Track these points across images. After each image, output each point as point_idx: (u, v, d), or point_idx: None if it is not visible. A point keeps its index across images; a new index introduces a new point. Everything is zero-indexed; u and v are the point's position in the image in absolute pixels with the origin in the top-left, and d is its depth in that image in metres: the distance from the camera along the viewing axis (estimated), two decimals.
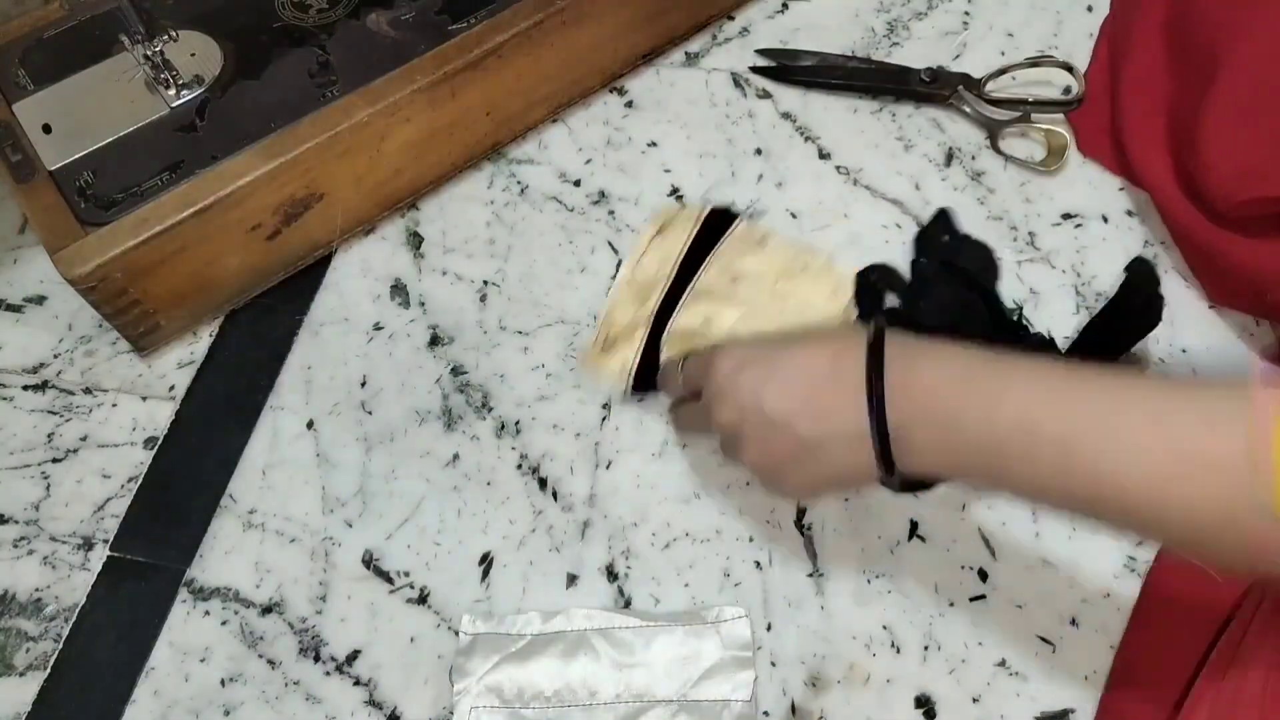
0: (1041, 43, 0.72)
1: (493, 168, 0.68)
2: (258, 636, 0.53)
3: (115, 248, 0.53)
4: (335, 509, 0.56)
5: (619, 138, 0.69)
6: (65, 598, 0.54)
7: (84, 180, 0.56)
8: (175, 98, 0.58)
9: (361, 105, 0.58)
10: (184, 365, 0.61)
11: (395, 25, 0.62)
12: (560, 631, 0.51)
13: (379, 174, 0.62)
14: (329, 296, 0.63)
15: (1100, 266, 0.62)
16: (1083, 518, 0.40)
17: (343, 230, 0.63)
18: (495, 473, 0.57)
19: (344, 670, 0.52)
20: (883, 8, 0.74)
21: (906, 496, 0.55)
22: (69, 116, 0.58)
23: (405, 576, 0.54)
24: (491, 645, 0.51)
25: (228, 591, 0.54)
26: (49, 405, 0.59)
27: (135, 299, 0.56)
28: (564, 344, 0.61)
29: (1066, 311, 0.61)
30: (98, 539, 0.55)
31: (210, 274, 0.59)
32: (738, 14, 0.74)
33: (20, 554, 0.55)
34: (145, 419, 0.59)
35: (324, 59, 0.60)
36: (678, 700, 0.50)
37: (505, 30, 0.61)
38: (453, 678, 0.51)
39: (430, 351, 0.61)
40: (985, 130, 0.68)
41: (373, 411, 0.59)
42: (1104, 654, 0.51)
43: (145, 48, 0.58)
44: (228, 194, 0.55)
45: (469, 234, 0.65)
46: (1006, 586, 0.53)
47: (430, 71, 0.59)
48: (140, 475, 0.57)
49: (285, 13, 0.62)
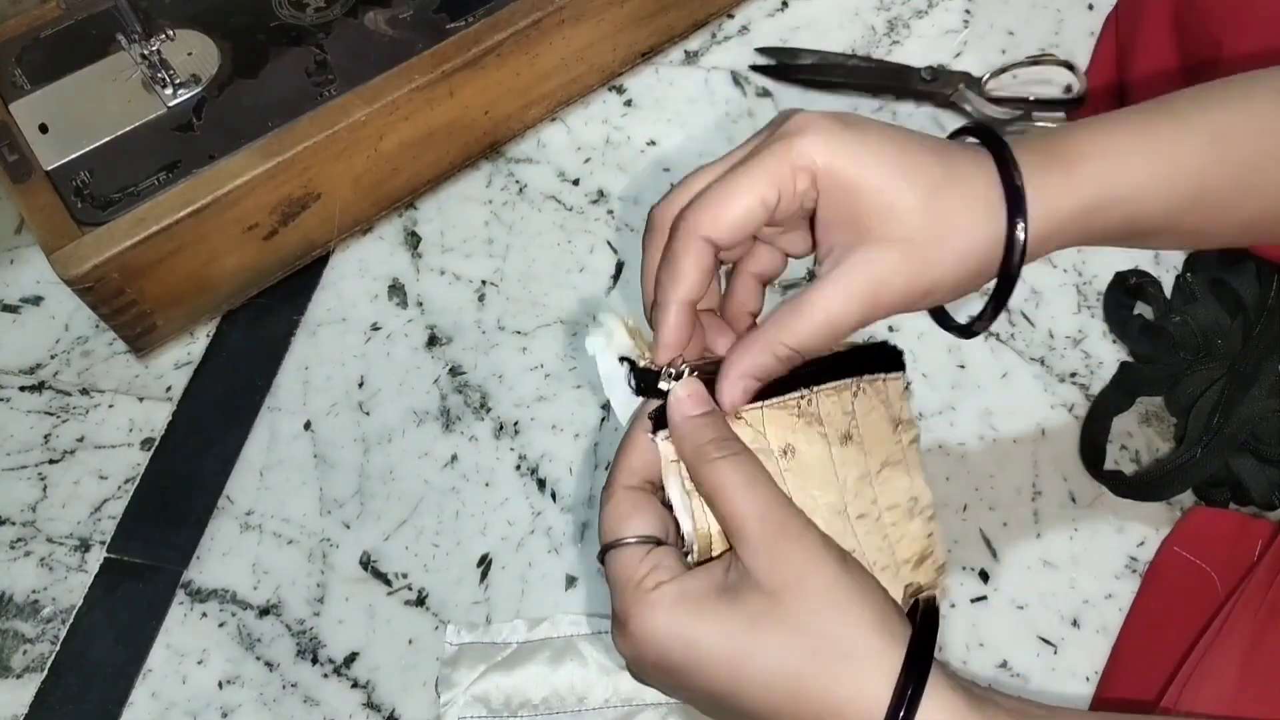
0: (1042, 41, 0.71)
1: (491, 167, 0.67)
2: (255, 638, 0.53)
3: (112, 248, 0.53)
4: (333, 510, 0.56)
5: (618, 137, 0.68)
6: (62, 599, 0.54)
7: (81, 180, 0.55)
8: (172, 97, 0.58)
9: (359, 104, 0.58)
10: (181, 366, 0.60)
11: (393, 24, 0.62)
12: (546, 638, 0.51)
13: (377, 173, 0.62)
14: (326, 296, 0.63)
15: (1101, 266, 0.62)
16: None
17: (340, 230, 0.63)
18: (494, 473, 0.57)
19: (342, 672, 0.52)
20: (883, 6, 0.74)
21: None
22: (66, 116, 0.58)
23: (403, 578, 0.54)
24: (477, 655, 0.51)
25: (225, 593, 0.54)
26: (46, 406, 0.59)
27: (132, 299, 0.56)
28: (563, 344, 0.61)
29: (1067, 311, 0.61)
30: (95, 540, 0.55)
31: (207, 274, 0.59)
32: (737, 12, 0.73)
33: (17, 555, 0.55)
34: (142, 420, 0.59)
35: (321, 58, 0.60)
36: (667, 703, 0.49)
37: (503, 29, 0.61)
38: (439, 689, 0.50)
39: (428, 352, 0.61)
40: None
41: (370, 412, 0.59)
42: (1105, 655, 0.51)
43: (142, 47, 0.58)
44: (225, 193, 0.55)
45: (467, 233, 0.65)
46: (1007, 588, 0.53)
47: (428, 70, 0.59)
48: (137, 476, 0.57)
49: (283, 11, 0.62)
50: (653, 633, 0.33)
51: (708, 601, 0.33)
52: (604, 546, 0.36)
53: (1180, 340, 0.56)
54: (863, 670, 0.32)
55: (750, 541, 0.33)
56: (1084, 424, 0.56)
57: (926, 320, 0.60)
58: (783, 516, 0.34)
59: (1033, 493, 0.55)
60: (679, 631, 0.33)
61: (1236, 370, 0.53)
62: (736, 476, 0.34)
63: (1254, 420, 0.51)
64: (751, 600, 0.33)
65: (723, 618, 0.33)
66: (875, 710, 0.31)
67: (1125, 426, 0.57)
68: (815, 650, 0.32)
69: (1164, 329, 0.57)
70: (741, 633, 0.33)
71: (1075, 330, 0.60)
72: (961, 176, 0.35)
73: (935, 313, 0.41)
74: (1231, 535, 0.51)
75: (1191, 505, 0.54)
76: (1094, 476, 0.54)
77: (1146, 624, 0.51)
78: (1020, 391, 0.58)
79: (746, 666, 0.32)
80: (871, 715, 0.31)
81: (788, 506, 0.34)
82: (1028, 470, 0.56)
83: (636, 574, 0.34)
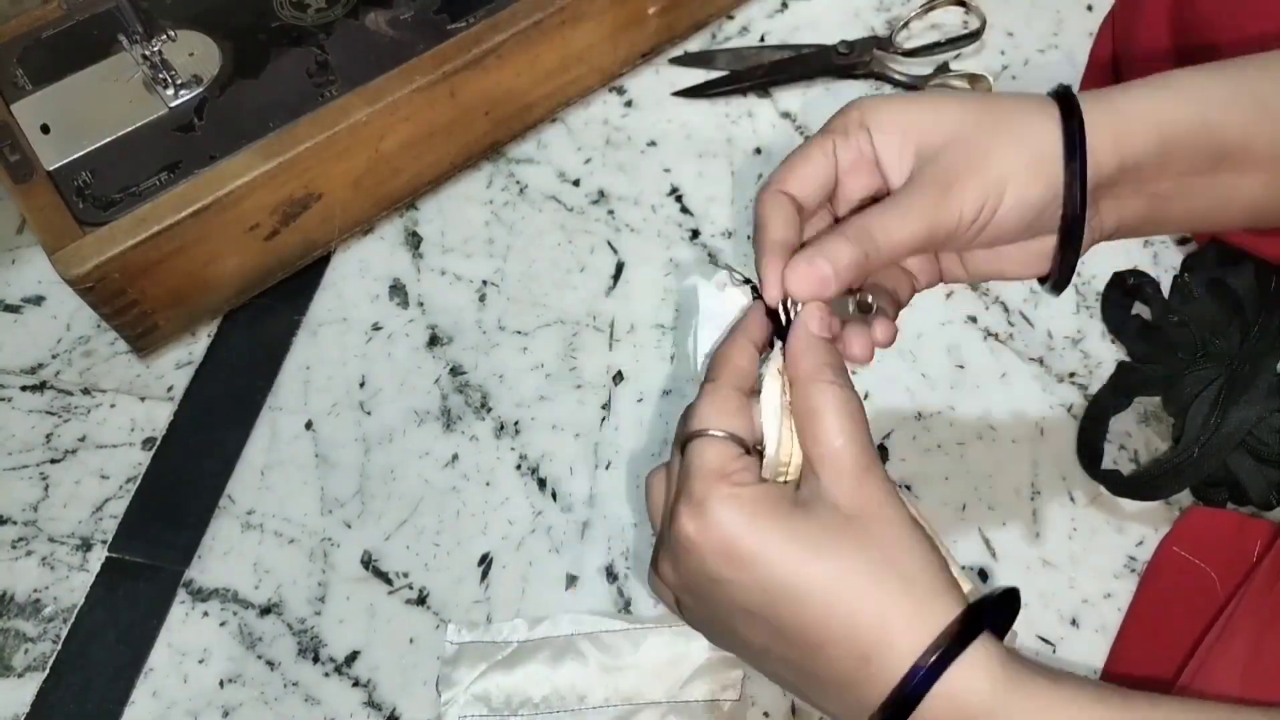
0: (1042, 41, 0.71)
1: (492, 167, 0.67)
2: (256, 637, 0.53)
3: (113, 248, 0.53)
4: (334, 509, 0.56)
5: (618, 137, 0.68)
6: (64, 599, 0.54)
7: (82, 180, 0.55)
8: (173, 97, 0.58)
9: (360, 105, 0.58)
10: (182, 366, 0.61)
11: (394, 24, 0.62)
12: (547, 637, 0.51)
13: (377, 174, 0.62)
14: (327, 297, 0.63)
15: (1100, 266, 0.62)
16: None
17: (341, 230, 0.63)
18: (494, 473, 0.57)
19: (343, 671, 0.52)
20: (883, 6, 0.74)
21: (905, 495, 0.55)
22: (67, 116, 0.58)
23: (404, 577, 0.54)
24: (478, 654, 0.51)
25: (226, 592, 0.54)
26: (47, 406, 0.59)
27: (133, 299, 0.56)
28: (563, 344, 0.61)
29: (1067, 311, 0.61)
30: (96, 540, 0.55)
31: (208, 274, 0.59)
32: (737, 12, 0.74)
33: (19, 555, 0.55)
34: (144, 419, 0.59)
35: (322, 58, 0.60)
36: (667, 701, 0.49)
37: (504, 29, 0.61)
38: (439, 688, 0.50)
39: (429, 351, 0.61)
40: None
41: (371, 412, 0.59)
42: (1104, 654, 0.51)
43: (143, 47, 0.58)
44: (226, 194, 0.55)
45: (468, 234, 0.65)
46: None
47: (429, 71, 0.59)
48: (139, 476, 0.57)
49: (284, 12, 0.62)
50: (731, 517, 0.33)
51: (784, 506, 0.34)
52: (695, 430, 0.36)
53: (1178, 340, 0.56)
54: (921, 604, 0.33)
55: (838, 465, 0.34)
56: (1081, 424, 0.56)
57: (926, 320, 0.60)
58: (871, 456, 0.35)
59: (1031, 492, 0.55)
60: (756, 523, 0.33)
61: (1234, 370, 0.53)
62: (841, 404, 0.35)
63: (1251, 420, 0.51)
64: (829, 517, 0.34)
65: (799, 523, 0.34)
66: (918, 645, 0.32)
67: (1123, 426, 0.57)
68: (883, 569, 0.33)
69: (1162, 329, 0.57)
70: (820, 536, 0.33)
71: (1074, 330, 0.60)
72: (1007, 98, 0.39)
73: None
74: (1230, 535, 0.51)
75: (1190, 505, 0.54)
76: (1091, 476, 0.54)
77: (1146, 623, 0.51)
78: (1019, 391, 0.58)
79: (814, 568, 0.33)
80: (914, 649, 0.32)
81: (874, 450, 0.35)
82: (1027, 470, 0.56)
83: (727, 465, 0.34)
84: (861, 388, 0.58)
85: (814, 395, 0.35)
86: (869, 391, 0.58)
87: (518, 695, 0.50)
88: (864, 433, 0.35)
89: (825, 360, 0.36)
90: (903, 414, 0.58)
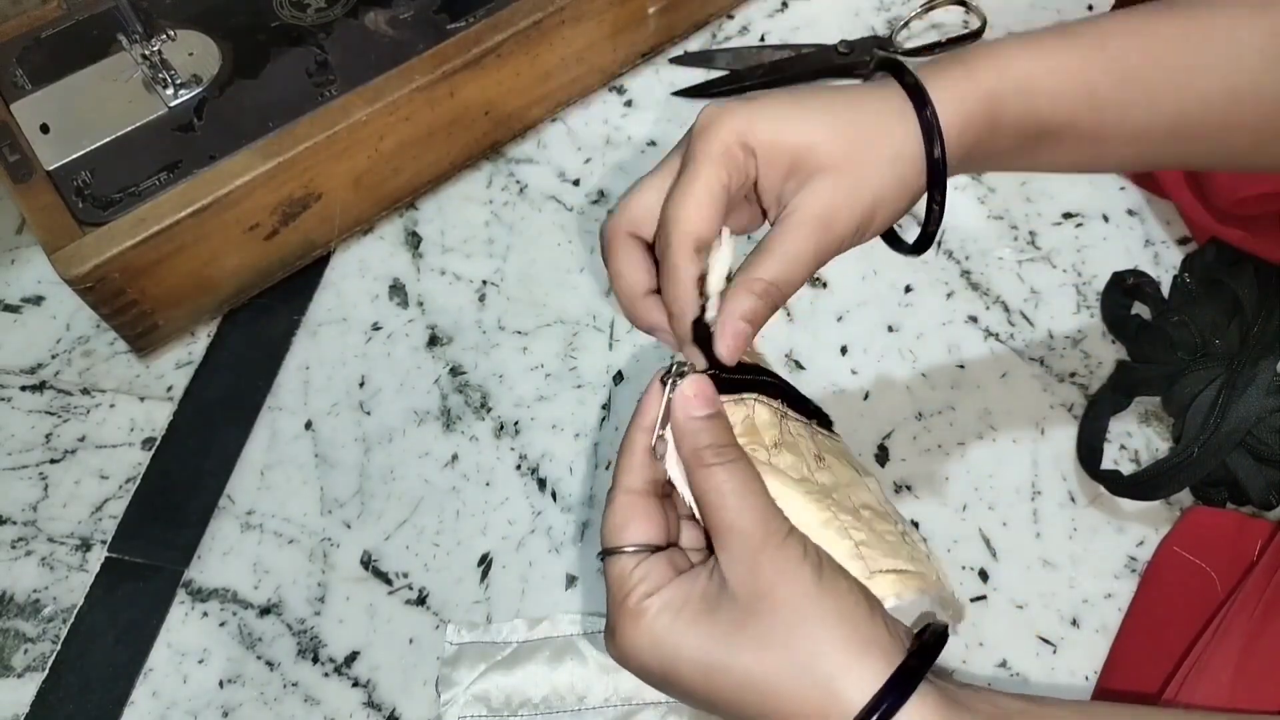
0: None
1: (491, 167, 0.67)
2: (256, 638, 0.53)
3: (113, 248, 0.53)
4: (334, 509, 0.56)
5: (618, 137, 0.68)
6: (63, 599, 0.54)
7: (82, 180, 0.55)
8: (173, 97, 0.58)
9: (360, 104, 0.58)
10: (182, 365, 0.61)
11: (393, 24, 0.62)
12: (546, 638, 0.51)
13: (377, 173, 0.62)
14: (327, 296, 0.63)
15: (1101, 266, 0.62)
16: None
17: (341, 230, 0.63)
18: (494, 473, 0.57)
19: (343, 671, 0.52)
20: (883, 6, 0.74)
21: (905, 495, 0.55)
22: (67, 116, 0.58)
23: (404, 577, 0.54)
24: (477, 654, 0.51)
25: (226, 592, 0.54)
26: (47, 406, 0.59)
27: (133, 299, 0.56)
28: (563, 344, 0.61)
29: (1067, 311, 0.61)
30: (96, 540, 0.55)
31: (208, 274, 0.59)
32: (737, 12, 0.74)
33: (18, 555, 0.55)
34: (143, 419, 0.59)
35: (322, 58, 0.60)
36: (667, 701, 0.49)
37: (504, 29, 0.61)
38: (439, 688, 0.50)
39: (429, 351, 0.61)
40: None
41: (371, 412, 0.59)
42: (1104, 654, 0.51)
43: (143, 47, 0.58)
44: (226, 194, 0.55)
45: (468, 234, 0.65)
46: (1007, 587, 0.53)
47: (429, 71, 0.59)
48: (138, 476, 0.57)
49: (283, 12, 0.62)
50: (635, 646, 0.34)
51: (688, 612, 0.34)
52: (602, 551, 0.37)
53: (1178, 340, 0.56)
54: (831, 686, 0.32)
55: (731, 550, 0.34)
56: (1081, 424, 0.56)
57: (926, 320, 0.60)
58: (766, 530, 0.34)
59: (1032, 492, 0.55)
60: (659, 644, 0.34)
61: (1234, 370, 0.53)
62: (727, 484, 0.34)
63: (1251, 420, 0.51)
64: (728, 611, 0.33)
65: (701, 630, 0.33)
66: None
67: (1123, 426, 0.57)
68: (781, 666, 0.33)
69: (1161, 329, 0.57)
70: (716, 646, 0.33)
71: (1075, 330, 0.60)
72: (867, 100, 0.39)
73: (888, 238, 0.44)
74: (1230, 535, 0.51)
75: (1190, 505, 0.54)
76: (1091, 476, 0.54)
77: (1146, 623, 0.51)
78: (1020, 391, 0.58)
79: (719, 679, 0.33)
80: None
81: (774, 518, 0.34)
82: (1027, 470, 0.56)
83: (625, 586, 0.35)
84: (862, 387, 0.59)
85: (699, 481, 0.35)
86: (869, 391, 0.58)
87: (517, 695, 0.50)
88: (756, 505, 0.34)
89: (707, 442, 0.35)
90: (903, 414, 0.58)
